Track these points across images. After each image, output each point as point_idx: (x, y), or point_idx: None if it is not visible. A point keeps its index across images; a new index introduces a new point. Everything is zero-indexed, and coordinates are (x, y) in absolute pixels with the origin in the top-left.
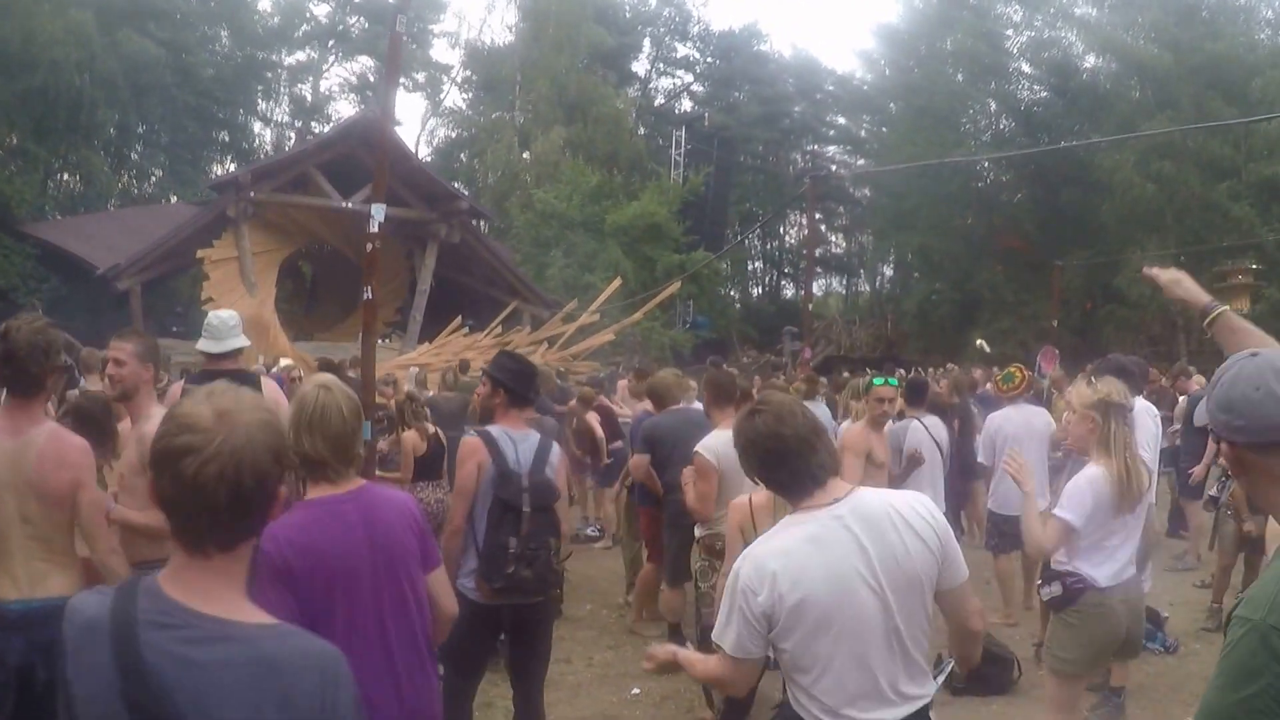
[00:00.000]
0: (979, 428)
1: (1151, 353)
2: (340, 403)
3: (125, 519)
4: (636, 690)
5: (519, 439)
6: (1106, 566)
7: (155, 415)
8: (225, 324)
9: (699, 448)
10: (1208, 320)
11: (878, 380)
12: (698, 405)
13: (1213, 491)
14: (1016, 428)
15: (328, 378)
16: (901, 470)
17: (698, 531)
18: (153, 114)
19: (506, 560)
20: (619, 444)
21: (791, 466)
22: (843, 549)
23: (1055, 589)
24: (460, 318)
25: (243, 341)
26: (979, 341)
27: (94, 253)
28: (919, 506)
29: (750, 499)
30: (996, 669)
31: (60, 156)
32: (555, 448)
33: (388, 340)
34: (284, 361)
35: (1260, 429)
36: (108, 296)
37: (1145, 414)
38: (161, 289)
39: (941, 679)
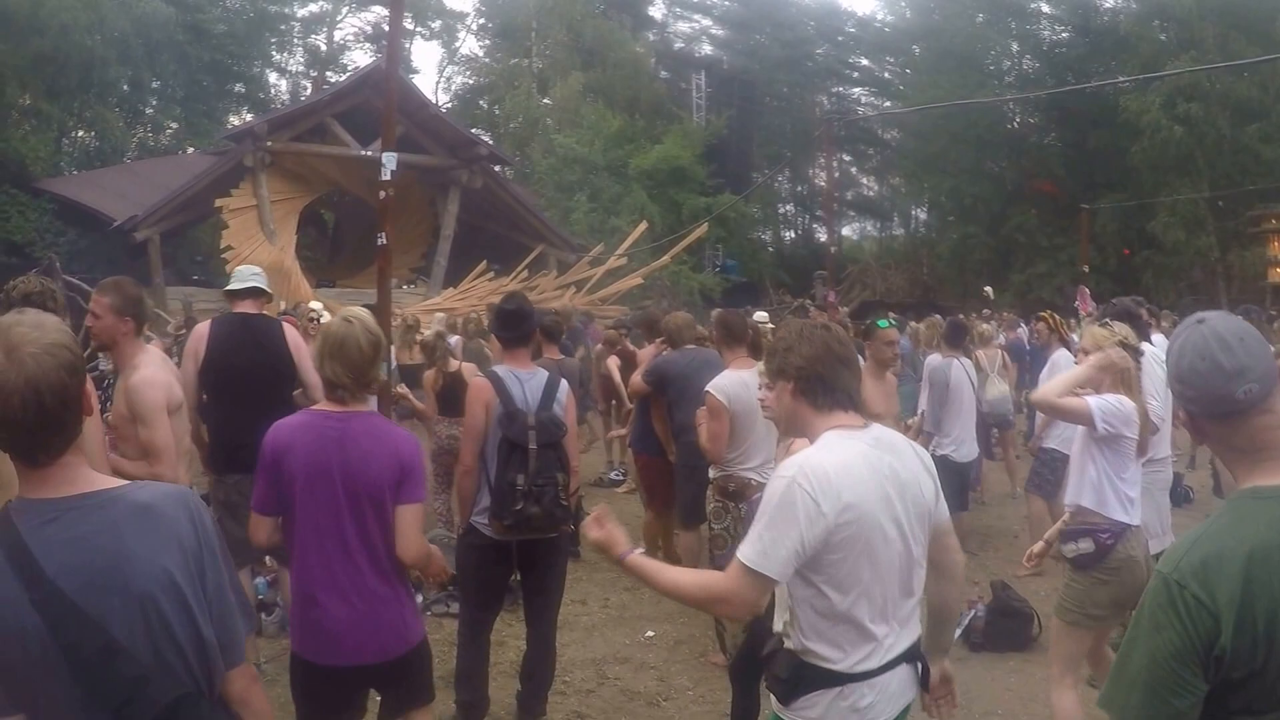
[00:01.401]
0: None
1: (1193, 301)
2: (359, 334)
3: (119, 468)
4: (650, 633)
5: (525, 378)
6: (1129, 509)
7: (141, 365)
8: (248, 270)
9: (710, 387)
10: None
11: (883, 323)
12: None
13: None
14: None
15: (356, 310)
16: (940, 407)
17: (711, 472)
18: (166, 70)
19: (515, 497)
20: None
21: (840, 375)
22: (882, 474)
23: (1085, 545)
24: (485, 262)
25: (260, 282)
26: (986, 289)
27: (111, 205)
28: (916, 445)
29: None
30: (1016, 624)
31: (74, 114)
32: (564, 385)
33: (413, 285)
34: (314, 304)
35: (1208, 400)
36: (127, 247)
37: (1154, 360)
38: (181, 238)
39: (958, 632)
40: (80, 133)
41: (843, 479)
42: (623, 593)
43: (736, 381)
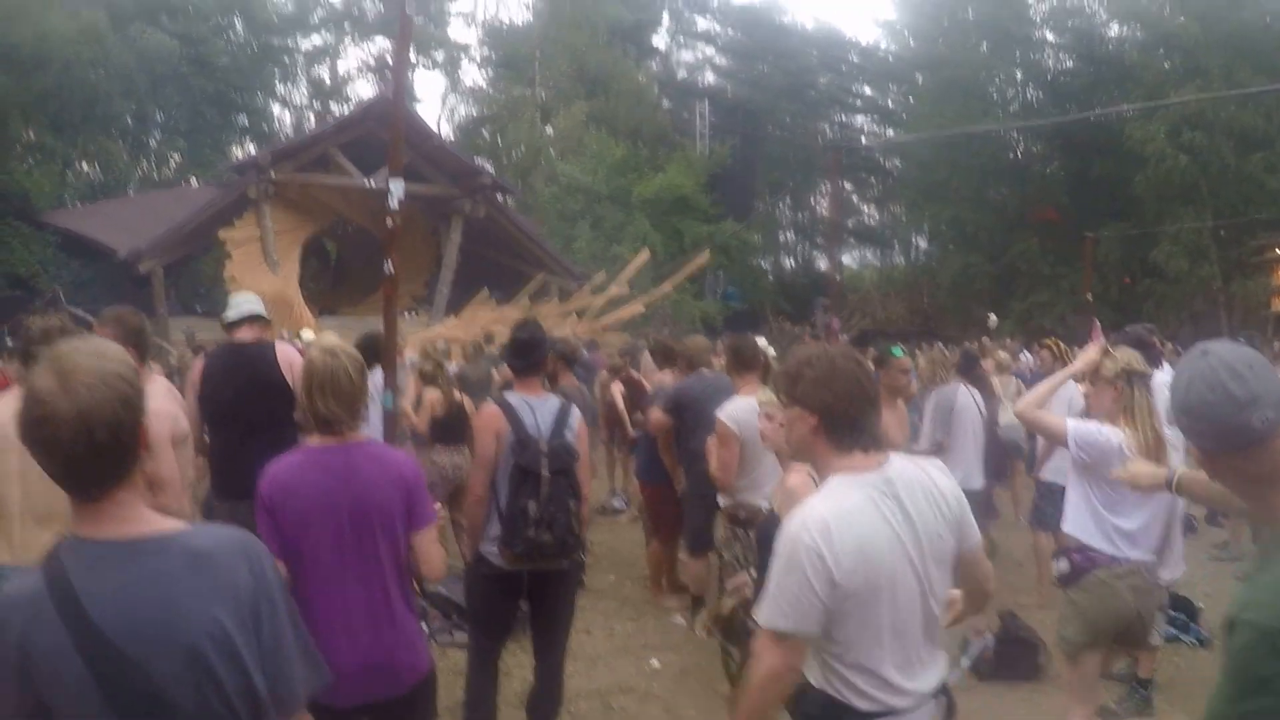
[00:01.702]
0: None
1: (1194, 330)
2: (346, 366)
3: None
4: (656, 662)
5: (537, 404)
6: (1117, 541)
7: (147, 395)
8: (243, 298)
9: (720, 415)
10: (1173, 487)
11: (896, 351)
12: None
13: None
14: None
15: (332, 341)
16: (943, 433)
17: (721, 501)
18: (170, 102)
19: (526, 524)
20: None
21: (868, 414)
22: (894, 518)
23: (1063, 565)
24: (486, 290)
25: (257, 308)
26: (990, 317)
27: (115, 237)
28: (942, 473)
29: (813, 476)
30: (1023, 654)
31: (78, 147)
32: (575, 411)
33: (415, 313)
34: (306, 333)
35: (1224, 432)
36: (130, 279)
37: (1165, 388)
38: (184, 270)
39: (968, 662)
40: (84, 165)
41: (847, 530)
42: (628, 621)
43: (747, 408)
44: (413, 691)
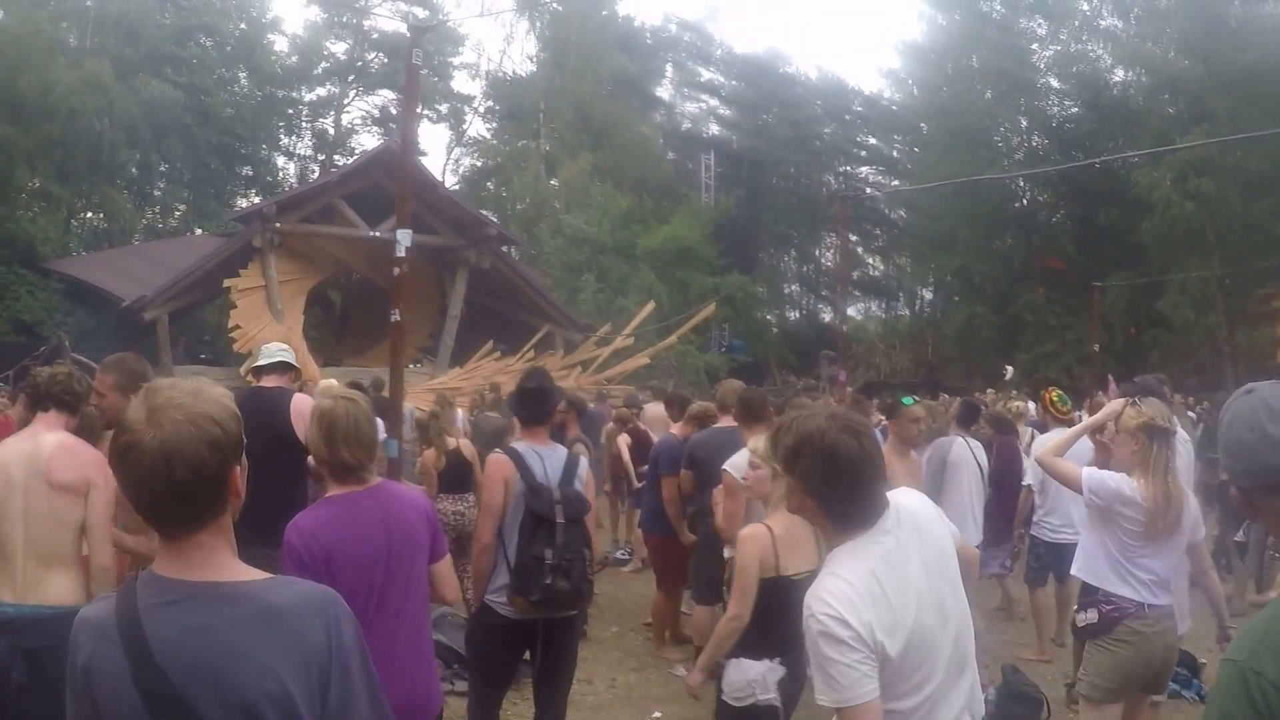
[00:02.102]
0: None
1: (1198, 382)
2: (363, 414)
3: (119, 541)
4: (658, 714)
5: (545, 454)
6: (1139, 589)
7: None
8: (275, 347)
9: (726, 466)
10: None
11: (907, 400)
12: None
13: (1239, 536)
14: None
15: (340, 389)
16: (935, 486)
17: (727, 553)
18: (174, 153)
19: (543, 572)
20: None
21: (875, 498)
22: (904, 570)
23: (1091, 616)
24: (491, 342)
25: (287, 357)
26: (1006, 368)
27: (120, 285)
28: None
29: (770, 528)
30: (1026, 709)
31: (83, 196)
32: (583, 461)
33: (419, 365)
34: (331, 384)
35: (1258, 471)
36: (135, 327)
37: (1180, 442)
38: (189, 318)
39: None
40: (89, 214)
41: (869, 597)
42: (629, 673)
43: None
44: None
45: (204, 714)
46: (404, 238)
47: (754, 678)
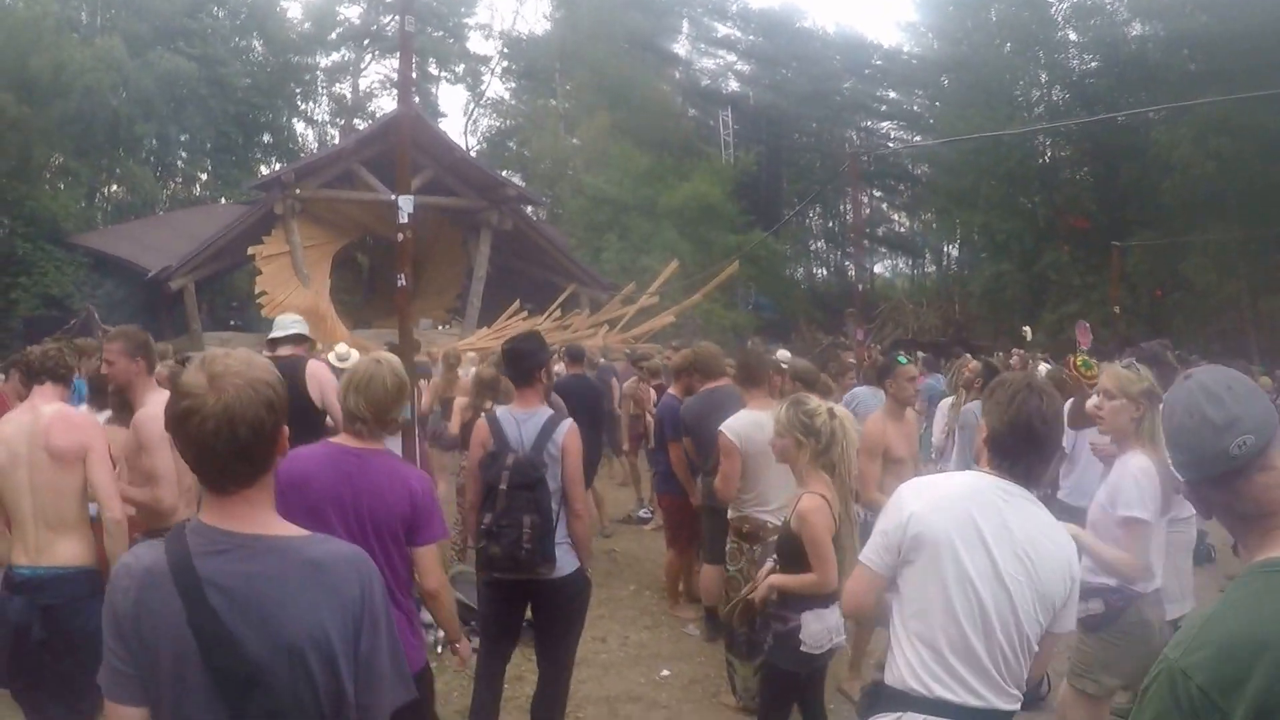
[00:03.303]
0: None
1: (1222, 348)
2: (386, 374)
3: (126, 494)
4: (666, 672)
5: (523, 418)
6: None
7: (150, 403)
8: (289, 319)
9: (723, 428)
10: None
11: (902, 359)
12: None
13: None
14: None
15: (387, 355)
16: (968, 453)
17: (728, 513)
18: (192, 124)
19: (480, 536)
20: None
21: (1045, 455)
22: (982, 509)
23: (1096, 606)
24: (519, 302)
25: (302, 328)
26: (1024, 329)
27: (145, 256)
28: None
29: (824, 496)
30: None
31: (105, 170)
32: (564, 425)
33: (448, 326)
34: (340, 348)
35: (1199, 461)
36: (163, 296)
37: None
38: (216, 286)
39: None
40: (113, 187)
41: (937, 495)
42: (643, 631)
43: (751, 422)
44: None
45: (252, 654)
46: (406, 204)
47: (832, 625)
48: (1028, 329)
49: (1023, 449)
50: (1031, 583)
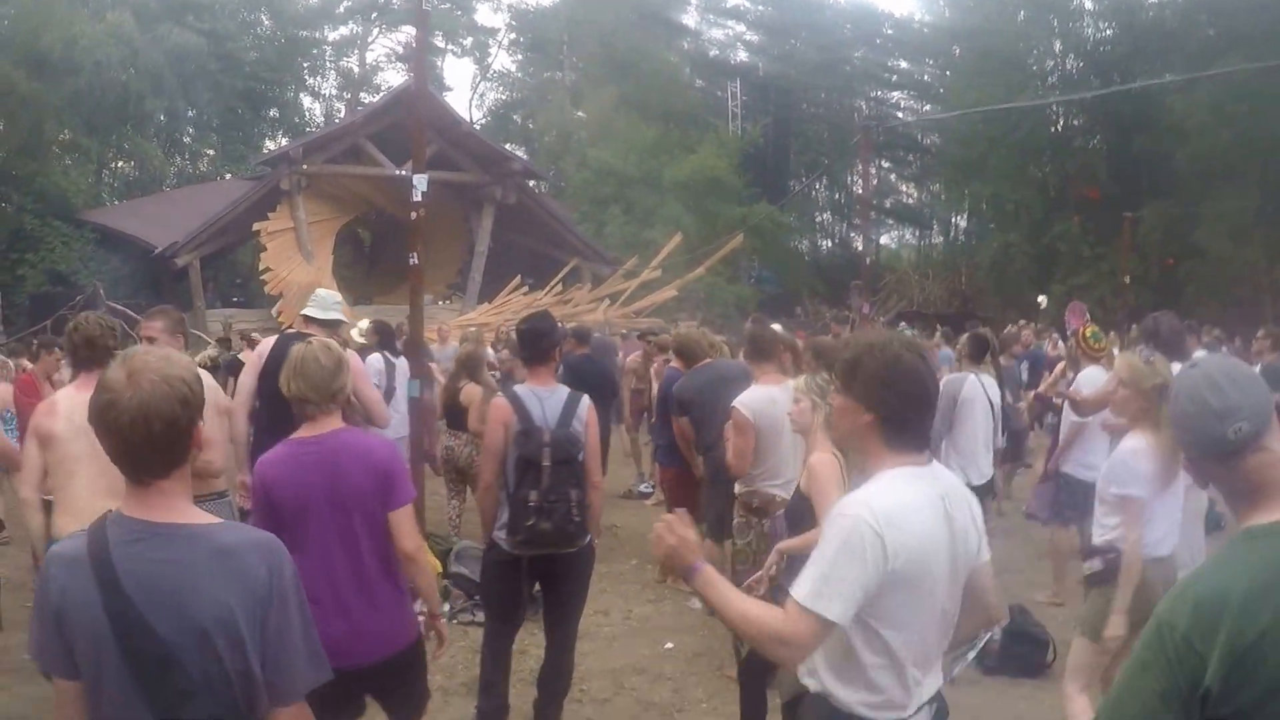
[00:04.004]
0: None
1: (1237, 314)
2: (319, 353)
3: None
4: (670, 645)
5: (545, 395)
6: (1153, 541)
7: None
8: (331, 299)
9: (737, 403)
10: None
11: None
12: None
13: None
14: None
15: (310, 337)
16: (945, 423)
17: (736, 488)
18: (201, 99)
19: (528, 513)
20: None
21: (927, 417)
22: (941, 519)
23: (1096, 564)
24: (519, 277)
25: (341, 318)
26: (1040, 299)
27: (152, 232)
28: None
29: (836, 455)
30: (1030, 650)
31: (113, 146)
32: (585, 402)
33: (448, 301)
34: (363, 323)
35: (1200, 442)
36: (168, 273)
37: None
38: (221, 262)
39: (972, 654)
40: (120, 164)
41: (908, 521)
42: (645, 604)
43: (764, 398)
44: (396, 658)
45: (164, 636)
46: (420, 182)
47: None
48: (1043, 298)
49: (919, 413)
50: (966, 560)
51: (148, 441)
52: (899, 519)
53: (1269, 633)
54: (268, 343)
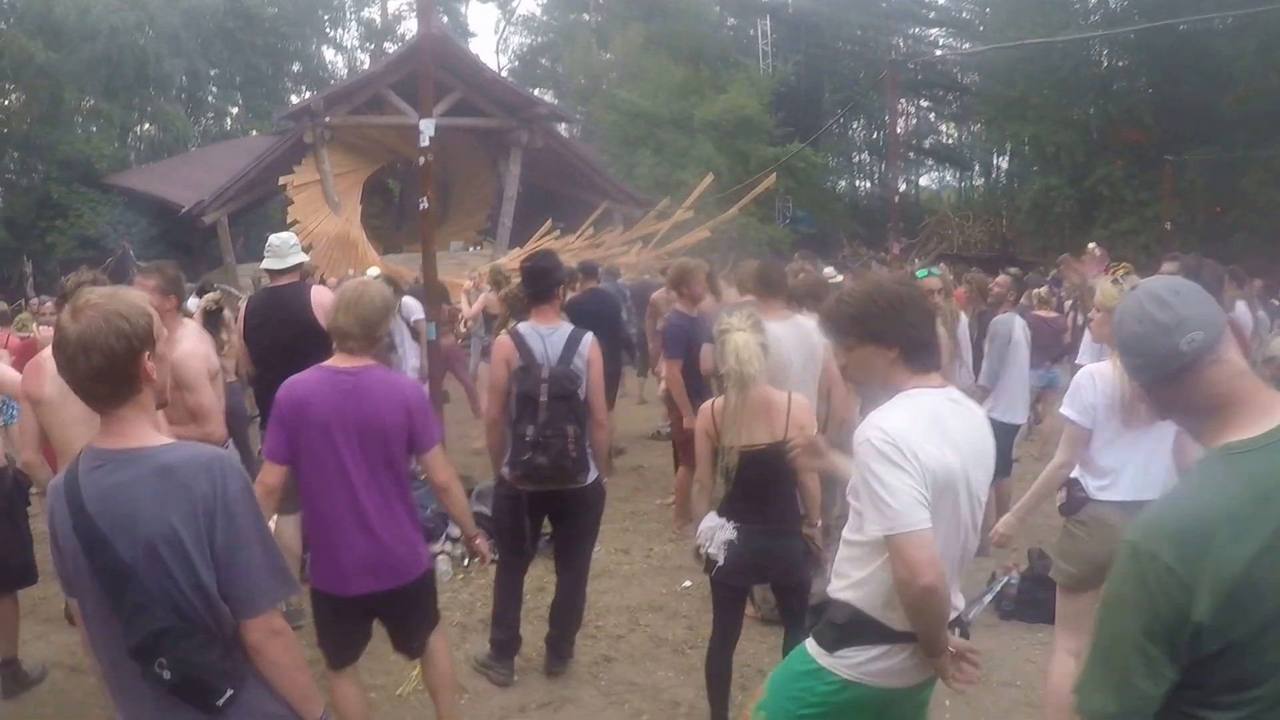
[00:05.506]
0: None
1: None
2: (375, 293)
3: (177, 434)
4: (688, 583)
5: (547, 333)
6: (1107, 480)
7: (182, 339)
8: (285, 243)
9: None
10: None
11: (921, 272)
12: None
13: None
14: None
15: (374, 275)
16: (998, 363)
17: None
18: (221, 58)
19: (524, 448)
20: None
21: (932, 335)
22: (959, 433)
23: (1061, 495)
24: (550, 221)
25: (301, 257)
26: (1090, 245)
27: (178, 193)
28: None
29: (713, 404)
30: (1049, 596)
31: (136, 110)
32: (587, 338)
33: (479, 247)
34: (372, 270)
35: (1152, 363)
36: (197, 231)
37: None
38: (250, 218)
39: (990, 598)
40: (145, 126)
41: (922, 434)
42: (667, 543)
43: (769, 334)
44: (410, 586)
45: (122, 554)
46: (427, 127)
47: (703, 529)
48: (1093, 244)
49: (930, 331)
50: (982, 484)
51: (90, 374)
52: (911, 433)
53: (1260, 559)
54: (243, 304)
